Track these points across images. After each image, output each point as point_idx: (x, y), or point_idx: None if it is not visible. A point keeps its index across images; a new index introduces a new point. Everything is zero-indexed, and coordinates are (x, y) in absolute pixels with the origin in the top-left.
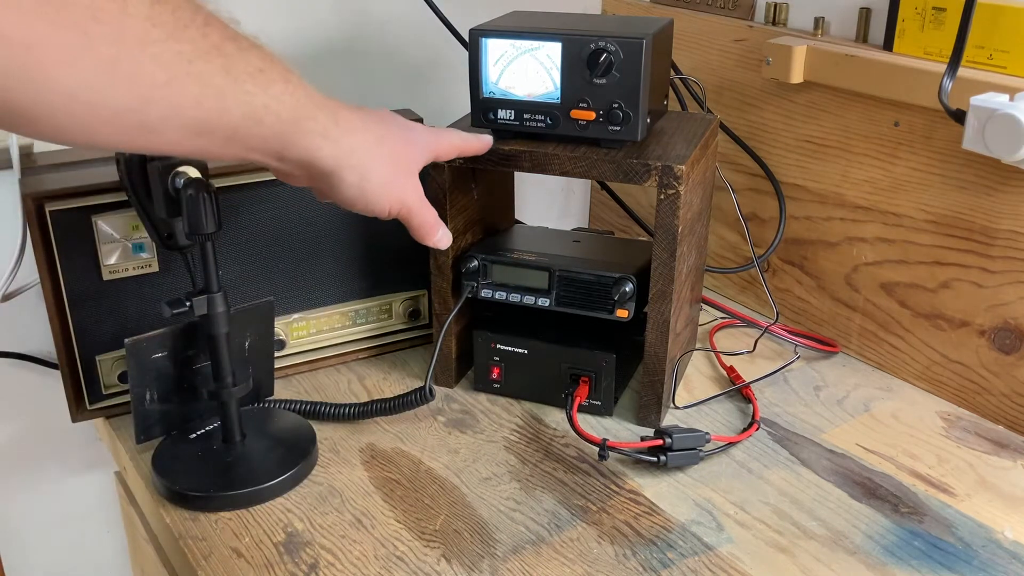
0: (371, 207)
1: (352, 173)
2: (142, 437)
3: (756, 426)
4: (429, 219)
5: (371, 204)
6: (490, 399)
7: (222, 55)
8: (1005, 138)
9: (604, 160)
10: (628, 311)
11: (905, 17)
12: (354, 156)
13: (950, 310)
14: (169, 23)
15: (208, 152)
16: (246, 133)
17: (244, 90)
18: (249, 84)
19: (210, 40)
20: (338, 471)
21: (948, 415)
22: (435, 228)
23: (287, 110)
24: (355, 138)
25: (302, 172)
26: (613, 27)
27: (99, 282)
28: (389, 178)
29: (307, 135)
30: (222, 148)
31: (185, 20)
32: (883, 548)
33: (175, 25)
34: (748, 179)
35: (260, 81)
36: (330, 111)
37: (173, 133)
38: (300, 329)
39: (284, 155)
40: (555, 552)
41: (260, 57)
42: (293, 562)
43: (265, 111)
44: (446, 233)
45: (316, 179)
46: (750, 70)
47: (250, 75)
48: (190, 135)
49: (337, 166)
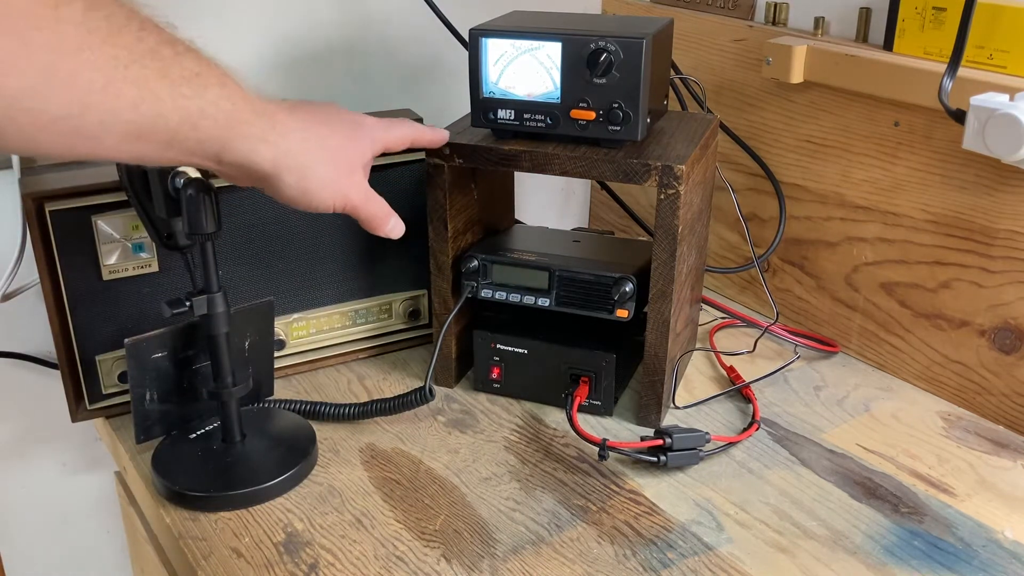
0: (313, 205)
1: (290, 175)
2: (142, 437)
3: (756, 426)
4: (375, 212)
5: (313, 203)
6: (490, 399)
7: (158, 59)
8: (1005, 138)
9: (604, 160)
10: (628, 311)
11: (905, 17)
12: (292, 157)
13: (950, 310)
14: (103, 28)
15: (148, 157)
16: (184, 137)
17: (180, 94)
18: (185, 88)
19: (145, 44)
20: (338, 471)
21: (948, 415)
22: (384, 220)
23: (223, 114)
24: (292, 140)
25: (242, 175)
26: (613, 27)
27: (99, 282)
28: (329, 177)
29: (244, 139)
30: (161, 152)
31: (119, 25)
32: (883, 548)
33: (109, 30)
34: (748, 179)
35: (196, 85)
36: (268, 115)
37: (112, 139)
38: (300, 329)
39: (222, 159)
40: (555, 552)
41: (196, 61)
42: (293, 562)
43: (201, 115)
44: (398, 223)
45: (257, 181)
46: (750, 70)
47: (186, 79)
48: (129, 140)
49: (275, 168)
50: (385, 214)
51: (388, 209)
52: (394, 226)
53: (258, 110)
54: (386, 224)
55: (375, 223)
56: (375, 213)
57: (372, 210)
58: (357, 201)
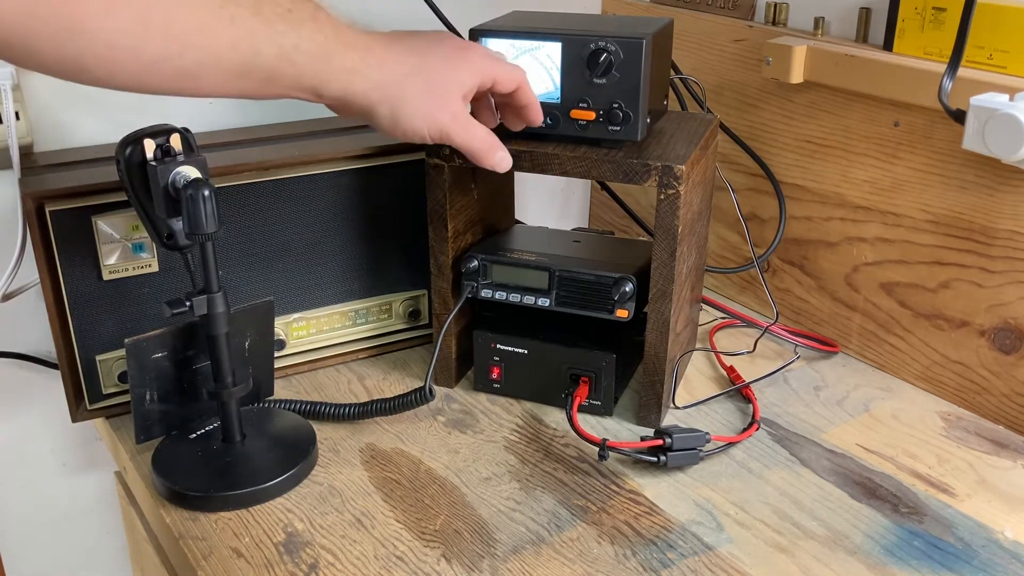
0: (408, 136)
1: (383, 106)
2: (142, 437)
3: (756, 426)
4: (476, 143)
5: (407, 133)
6: (490, 399)
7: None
8: (1005, 138)
9: (604, 160)
10: (628, 311)
11: (905, 17)
12: (384, 89)
13: (950, 310)
14: None
15: (251, 93)
16: (282, 73)
17: (275, 30)
18: (279, 24)
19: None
20: (338, 471)
21: (948, 415)
22: (489, 152)
23: (318, 47)
24: (386, 71)
25: (344, 107)
26: (613, 27)
27: (99, 282)
28: (420, 106)
29: (339, 72)
30: (262, 88)
31: None
32: (883, 548)
33: None
34: (748, 179)
35: (290, 21)
36: (361, 47)
37: (213, 77)
38: (300, 329)
39: (321, 92)
40: (555, 552)
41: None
42: (293, 562)
43: (296, 51)
44: (505, 155)
45: (355, 113)
46: (750, 70)
47: (279, 16)
48: (230, 78)
49: (369, 101)
50: (489, 146)
51: (493, 140)
52: (501, 159)
53: (351, 43)
54: (492, 156)
55: (478, 155)
56: (476, 145)
57: (472, 141)
58: (453, 130)
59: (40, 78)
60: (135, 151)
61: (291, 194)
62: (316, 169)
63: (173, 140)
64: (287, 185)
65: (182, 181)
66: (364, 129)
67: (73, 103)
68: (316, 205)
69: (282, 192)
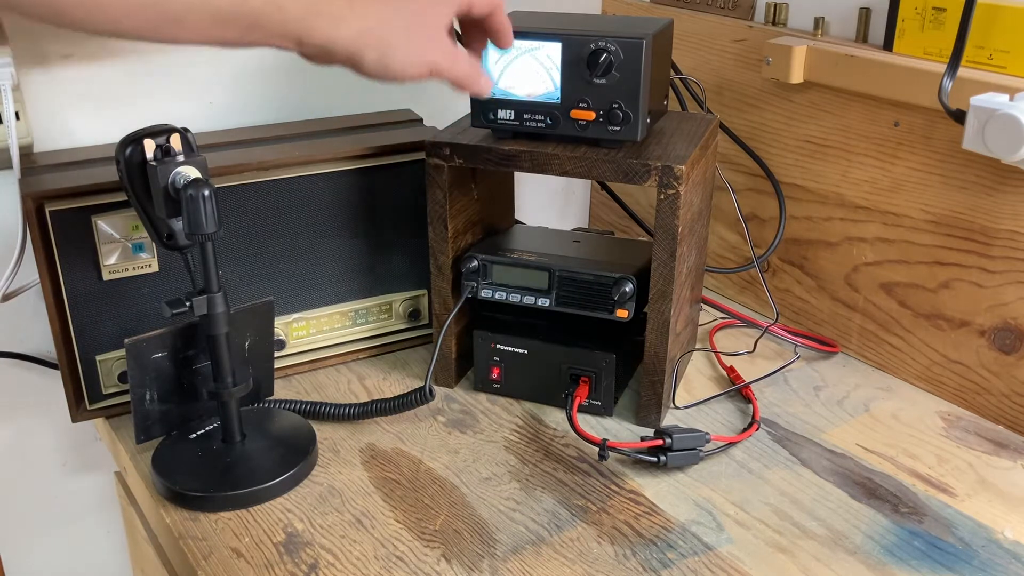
0: (399, 80)
1: (371, 51)
2: (142, 437)
3: (756, 426)
4: (463, 73)
5: (398, 77)
6: (490, 399)
7: None
8: (1005, 138)
9: (604, 160)
10: (628, 311)
11: (905, 17)
12: (370, 35)
13: (950, 310)
14: None
15: (231, 40)
16: (267, 20)
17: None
18: None
19: None
20: (338, 471)
21: (948, 415)
22: (475, 80)
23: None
24: (369, 17)
25: (326, 56)
26: (613, 27)
27: (99, 282)
28: (409, 47)
29: (326, 18)
30: (243, 35)
31: None
32: (883, 548)
33: None
34: (748, 179)
35: None
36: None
37: (197, 22)
38: (300, 329)
39: (303, 40)
40: (555, 552)
41: None
42: (293, 562)
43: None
44: (487, 80)
45: (336, 61)
46: (750, 70)
47: None
48: (214, 24)
49: (355, 48)
50: (473, 75)
51: (476, 65)
52: (485, 83)
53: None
54: (476, 84)
55: (466, 84)
56: (463, 75)
57: (458, 73)
58: (443, 66)
59: (40, 78)
60: (135, 151)
61: (291, 194)
62: (316, 169)
63: (173, 140)
64: (287, 185)
65: (182, 181)
66: (364, 129)
67: (73, 103)
68: (316, 205)
69: (282, 192)
